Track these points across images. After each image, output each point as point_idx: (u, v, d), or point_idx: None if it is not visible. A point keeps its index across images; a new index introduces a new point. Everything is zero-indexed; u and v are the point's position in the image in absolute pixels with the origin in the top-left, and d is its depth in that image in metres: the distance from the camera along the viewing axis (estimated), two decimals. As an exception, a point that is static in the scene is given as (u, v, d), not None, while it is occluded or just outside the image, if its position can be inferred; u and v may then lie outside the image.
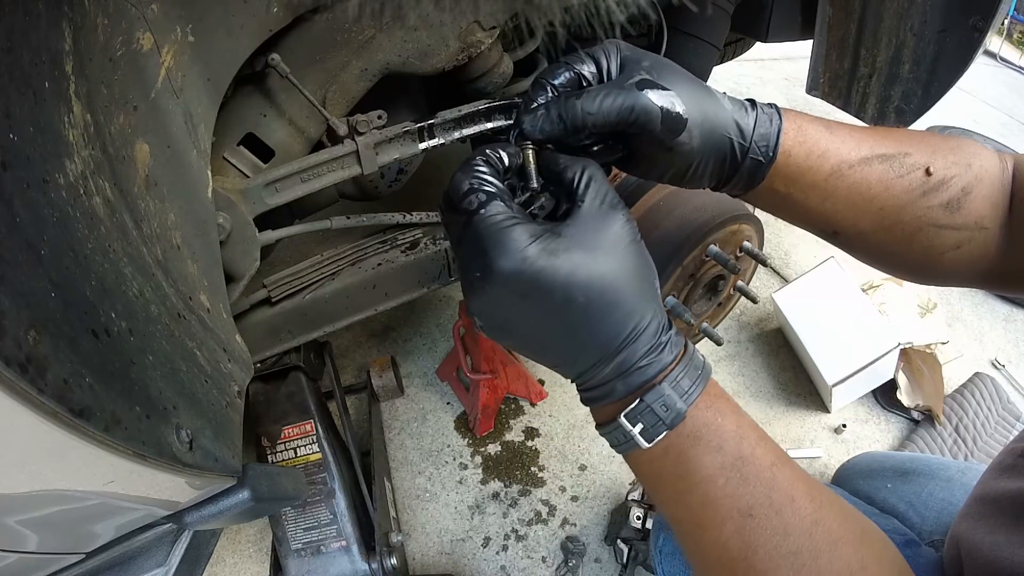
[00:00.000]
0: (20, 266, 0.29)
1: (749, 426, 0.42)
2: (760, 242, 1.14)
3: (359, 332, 1.58)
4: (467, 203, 0.40)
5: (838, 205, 0.52)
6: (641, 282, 0.41)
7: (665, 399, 0.40)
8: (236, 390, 0.54)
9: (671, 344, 0.42)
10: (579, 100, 0.43)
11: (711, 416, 0.41)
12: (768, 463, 0.41)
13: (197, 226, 0.57)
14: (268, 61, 0.66)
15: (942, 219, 0.52)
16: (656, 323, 0.42)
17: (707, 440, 0.41)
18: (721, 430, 0.41)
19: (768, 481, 0.40)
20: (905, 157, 0.52)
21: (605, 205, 0.41)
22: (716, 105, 0.48)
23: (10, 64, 0.31)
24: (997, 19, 0.91)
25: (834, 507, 0.41)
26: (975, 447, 1.39)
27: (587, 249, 0.39)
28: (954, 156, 0.52)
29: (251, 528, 1.20)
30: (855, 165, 0.51)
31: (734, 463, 0.41)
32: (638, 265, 0.41)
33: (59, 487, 0.33)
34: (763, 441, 0.42)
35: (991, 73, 4.17)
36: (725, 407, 0.42)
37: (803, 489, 0.41)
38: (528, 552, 1.20)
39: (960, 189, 0.52)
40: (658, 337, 0.41)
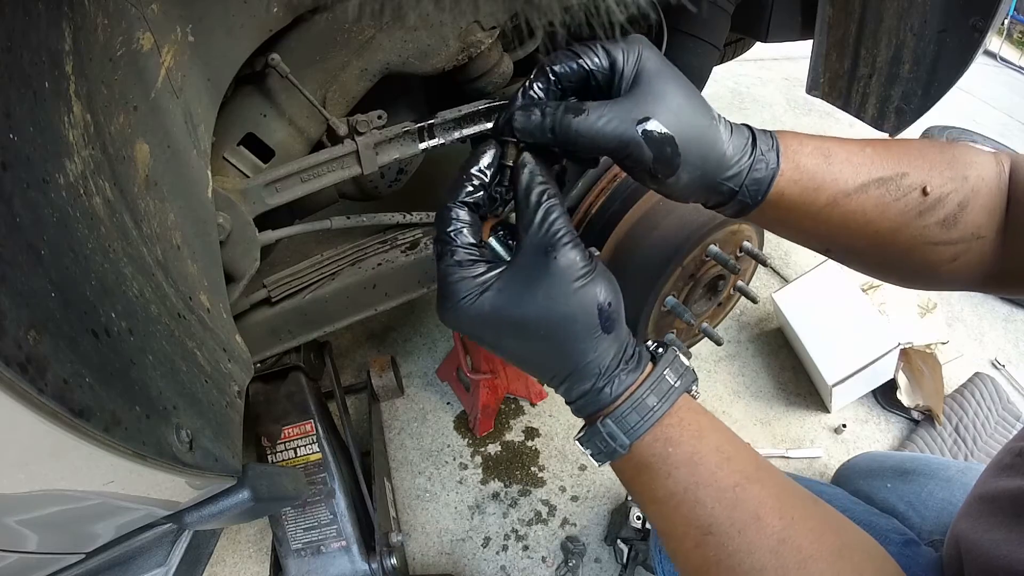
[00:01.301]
0: (20, 266, 0.29)
1: (711, 450, 0.42)
2: (760, 242, 1.14)
3: (359, 332, 1.58)
4: (435, 248, 0.44)
5: (833, 230, 0.53)
6: (577, 324, 0.41)
7: (609, 431, 0.43)
8: (236, 390, 0.54)
9: (615, 382, 0.43)
10: (576, 119, 0.42)
11: (660, 448, 0.42)
12: (731, 484, 0.41)
13: (197, 226, 0.57)
14: (268, 61, 0.66)
15: (938, 236, 0.52)
16: (599, 363, 0.42)
17: (656, 468, 0.43)
18: (671, 459, 0.42)
19: (729, 501, 0.41)
20: (902, 178, 0.51)
21: (547, 245, 0.40)
22: (716, 148, 0.46)
23: (10, 64, 0.31)
24: (997, 19, 0.91)
25: (809, 523, 0.41)
26: (975, 447, 1.39)
27: (519, 295, 0.41)
28: (951, 171, 0.52)
29: (251, 528, 1.20)
30: (851, 194, 0.51)
31: (686, 488, 0.42)
32: (576, 307, 0.41)
33: (59, 487, 0.33)
34: (728, 462, 0.42)
35: (991, 73, 4.17)
36: (683, 434, 0.43)
37: (772, 506, 0.41)
38: (528, 552, 1.20)
39: (956, 204, 0.52)
40: (595, 381, 0.43)
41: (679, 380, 0.44)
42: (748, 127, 0.50)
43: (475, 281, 0.41)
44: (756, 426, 1.47)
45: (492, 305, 0.41)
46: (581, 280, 0.40)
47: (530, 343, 0.43)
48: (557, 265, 0.40)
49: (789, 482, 0.44)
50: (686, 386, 0.45)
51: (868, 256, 0.55)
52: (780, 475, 0.45)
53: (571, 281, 0.40)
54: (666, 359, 0.45)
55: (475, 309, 0.41)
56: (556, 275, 0.40)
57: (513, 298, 0.41)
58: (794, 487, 0.44)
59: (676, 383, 0.44)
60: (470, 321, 0.42)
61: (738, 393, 1.54)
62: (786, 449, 1.41)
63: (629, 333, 0.45)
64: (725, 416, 1.49)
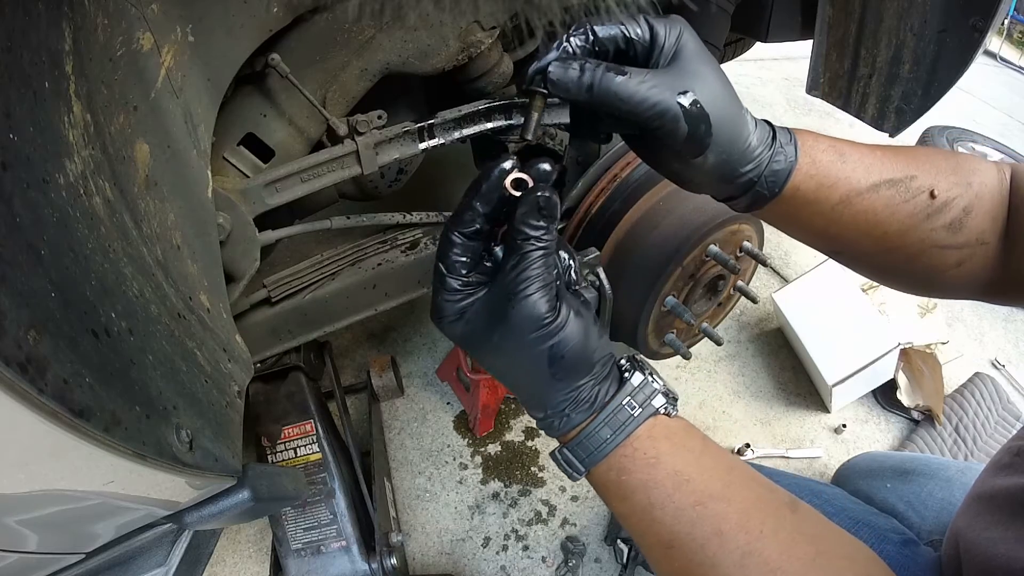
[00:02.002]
0: (20, 266, 0.29)
1: (667, 475, 0.43)
2: (760, 242, 1.14)
3: (359, 332, 1.58)
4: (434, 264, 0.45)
5: (843, 230, 0.53)
6: (525, 369, 0.43)
7: (566, 458, 0.45)
8: (236, 390, 0.54)
9: (564, 420, 0.44)
10: (617, 78, 0.41)
11: (613, 476, 0.44)
12: (689, 503, 0.42)
13: (197, 226, 0.57)
14: (268, 61, 0.66)
15: (945, 240, 0.53)
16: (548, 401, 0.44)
17: (612, 492, 0.45)
18: (624, 486, 0.44)
19: (688, 519, 0.42)
20: (911, 181, 0.52)
21: (510, 292, 0.41)
22: (743, 135, 0.47)
23: (10, 64, 0.31)
24: (997, 19, 0.91)
25: (779, 535, 0.41)
26: (975, 447, 1.39)
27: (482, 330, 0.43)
28: (955, 176, 0.53)
29: (251, 528, 1.20)
30: (863, 193, 0.52)
31: (643, 509, 0.43)
32: (526, 355, 0.42)
33: (59, 487, 0.33)
34: (686, 484, 0.43)
35: (991, 73, 4.17)
36: (635, 463, 0.43)
37: (736, 521, 0.41)
38: (528, 552, 1.20)
39: (962, 209, 0.52)
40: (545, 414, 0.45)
41: (640, 409, 0.44)
42: (768, 122, 0.51)
43: (455, 307, 0.43)
44: (756, 426, 1.47)
45: (463, 331, 0.44)
46: (535, 333, 0.41)
47: (495, 367, 0.46)
48: (515, 314, 0.41)
49: (764, 494, 0.44)
50: (648, 413, 0.44)
51: (876, 259, 0.56)
52: (753, 488, 0.44)
53: (525, 332, 0.41)
54: (629, 387, 0.45)
55: (452, 329, 0.45)
56: (512, 322, 0.41)
57: (477, 330, 0.43)
58: (768, 499, 0.44)
59: (636, 412, 0.44)
60: (450, 335, 0.46)
61: (738, 393, 1.54)
62: (786, 449, 1.41)
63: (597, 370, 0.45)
64: (725, 416, 1.49)
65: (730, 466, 0.45)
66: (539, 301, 0.40)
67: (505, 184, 0.42)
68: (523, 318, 0.41)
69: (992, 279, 0.55)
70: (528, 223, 0.40)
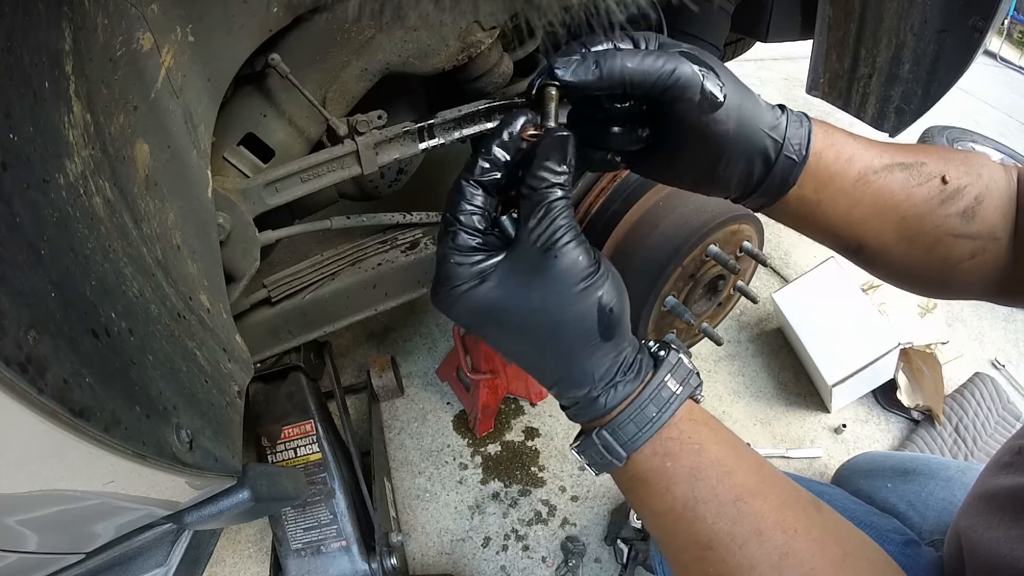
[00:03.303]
0: (20, 266, 0.29)
1: (712, 463, 0.41)
2: (760, 242, 1.14)
3: (359, 332, 1.58)
4: (441, 225, 0.41)
5: (865, 213, 0.52)
6: (572, 330, 0.39)
7: (605, 443, 0.41)
8: (236, 390, 0.54)
9: (612, 392, 0.41)
10: (620, 54, 0.41)
11: (658, 462, 0.41)
12: (732, 498, 0.40)
13: (197, 226, 0.57)
14: (268, 61, 0.66)
15: (959, 228, 0.52)
16: (594, 370, 0.40)
17: (654, 483, 0.41)
18: (670, 474, 0.41)
19: (731, 517, 0.39)
20: (922, 166, 0.52)
21: (547, 242, 0.38)
22: (752, 99, 0.47)
23: (10, 64, 0.31)
24: (997, 19, 0.91)
25: (811, 534, 0.40)
26: (975, 447, 1.39)
27: (514, 291, 0.38)
28: (965, 166, 0.53)
29: (251, 528, 1.20)
30: (879, 171, 0.51)
31: (685, 504, 0.40)
32: (573, 312, 0.39)
33: (59, 487, 0.33)
34: (728, 476, 0.41)
35: (991, 73, 4.17)
36: (682, 448, 0.41)
37: (774, 520, 0.40)
38: (528, 552, 1.20)
39: (974, 198, 0.52)
40: (589, 390, 0.41)
41: (681, 387, 0.42)
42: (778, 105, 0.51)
43: (472, 269, 0.39)
44: (756, 426, 1.47)
45: (486, 297, 0.39)
46: (582, 284, 0.38)
47: (522, 342, 0.41)
48: (557, 265, 0.38)
49: (792, 491, 0.43)
50: (688, 393, 0.42)
51: (895, 251, 0.55)
52: (783, 484, 0.43)
53: (571, 285, 0.38)
54: (667, 364, 0.42)
55: (468, 299, 0.39)
56: (554, 276, 0.38)
57: (507, 293, 0.39)
58: (796, 496, 0.43)
59: (678, 391, 0.42)
60: (462, 310, 0.40)
61: (738, 393, 1.54)
62: (786, 449, 1.41)
63: (633, 338, 0.43)
64: (725, 416, 1.49)
65: (760, 461, 0.44)
66: (580, 249, 0.38)
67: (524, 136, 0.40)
68: (566, 269, 0.38)
69: (1003, 277, 0.55)
70: (549, 168, 0.38)
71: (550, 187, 0.38)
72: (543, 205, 0.38)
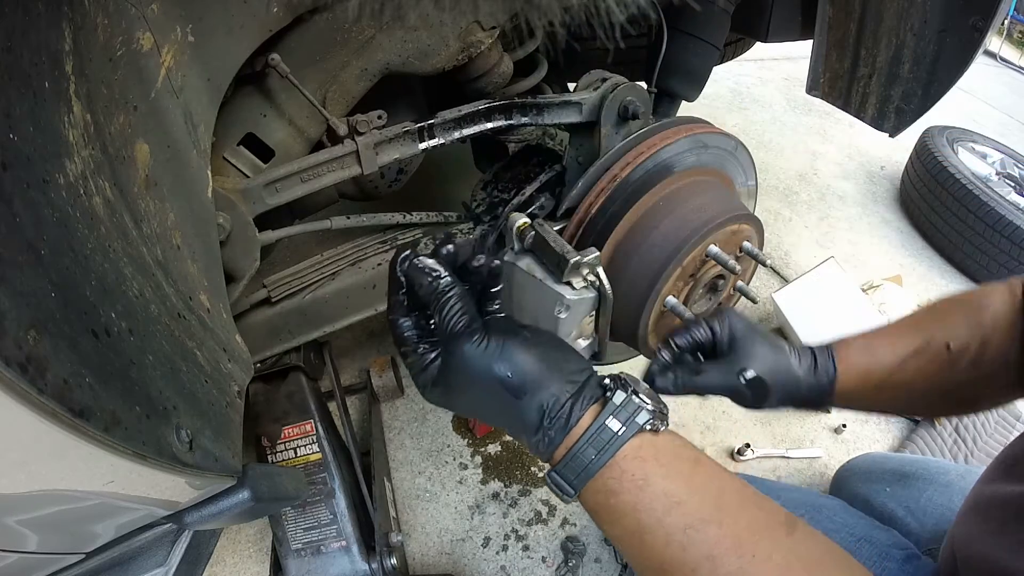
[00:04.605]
0: (20, 266, 0.29)
1: (656, 496, 0.43)
2: (760, 242, 1.14)
3: (359, 332, 1.58)
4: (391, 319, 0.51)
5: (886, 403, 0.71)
6: (489, 401, 0.47)
7: (555, 481, 0.47)
8: (236, 390, 0.54)
9: (546, 440, 0.46)
10: (697, 377, 0.61)
11: (602, 499, 0.45)
12: (681, 527, 0.42)
13: (197, 226, 0.57)
14: (268, 61, 0.66)
15: (969, 375, 0.64)
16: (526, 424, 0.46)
17: (602, 516, 0.46)
18: (614, 509, 0.44)
19: (680, 544, 0.42)
20: (929, 344, 0.65)
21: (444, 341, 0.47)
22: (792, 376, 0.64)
23: (10, 64, 0.31)
24: (997, 19, 0.91)
25: (773, 558, 0.41)
26: (975, 447, 1.39)
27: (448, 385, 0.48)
28: (967, 318, 0.65)
29: (251, 528, 1.20)
30: (894, 372, 0.66)
31: (633, 533, 0.44)
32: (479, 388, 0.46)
33: (59, 487, 0.33)
34: (677, 507, 0.42)
35: (991, 73, 4.18)
36: (623, 485, 0.44)
37: (729, 546, 0.41)
38: (528, 552, 1.20)
39: (979, 346, 0.63)
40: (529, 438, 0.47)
41: (624, 427, 0.44)
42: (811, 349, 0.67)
43: (425, 375, 0.49)
44: (756, 426, 1.47)
45: (439, 394, 0.49)
46: (478, 363, 0.45)
47: (474, 411, 0.52)
48: (454, 354, 0.46)
49: (760, 515, 0.44)
50: (633, 431, 0.44)
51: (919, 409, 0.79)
52: (750, 512, 0.44)
53: (468, 367, 0.46)
54: (611, 405, 0.45)
55: (433, 396, 0.50)
56: (457, 364, 0.46)
57: (444, 385, 0.48)
58: (764, 521, 0.43)
59: (620, 431, 0.44)
60: (437, 404, 0.51)
61: (738, 393, 1.54)
62: (786, 449, 1.41)
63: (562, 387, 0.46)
64: (725, 416, 1.48)
65: (722, 487, 0.45)
66: (463, 334, 0.46)
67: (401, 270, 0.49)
68: (460, 352, 0.46)
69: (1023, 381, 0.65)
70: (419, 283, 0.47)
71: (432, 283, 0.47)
72: (433, 299, 0.47)
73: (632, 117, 0.93)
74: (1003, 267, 1.88)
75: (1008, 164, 2.26)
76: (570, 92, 0.94)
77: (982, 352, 0.62)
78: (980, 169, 2.15)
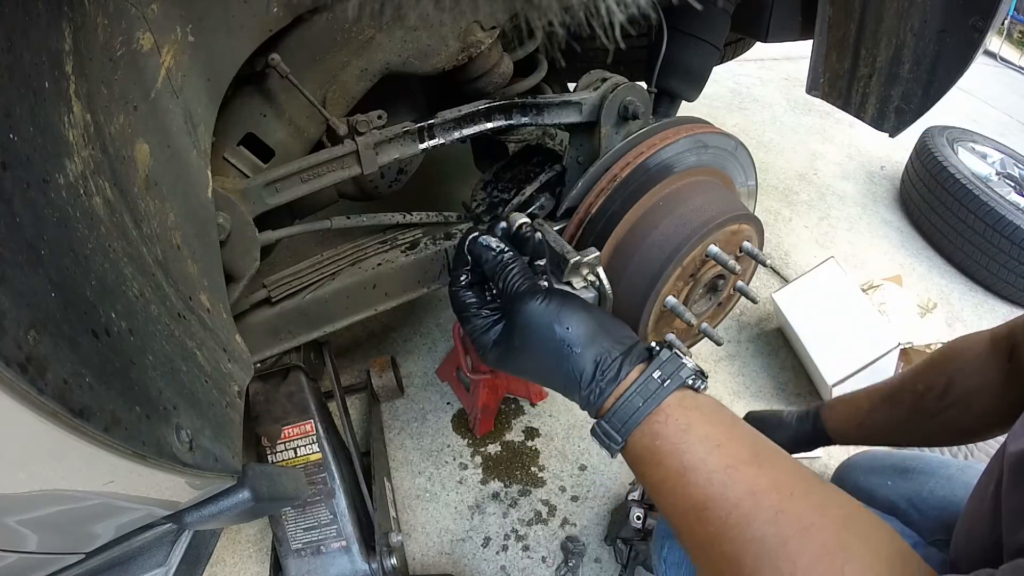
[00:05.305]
0: (20, 266, 0.29)
1: (698, 439, 0.46)
2: (760, 242, 1.14)
3: (359, 332, 1.58)
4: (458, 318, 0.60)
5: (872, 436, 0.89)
6: (548, 354, 0.52)
7: (604, 431, 0.51)
8: (236, 390, 0.54)
9: (597, 391, 0.50)
10: None
11: (648, 441, 0.48)
12: (722, 466, 0.45)
13: (197, 226, 0.57)
14: (268, 61, 0.66)
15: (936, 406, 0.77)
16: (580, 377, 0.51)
17: (647, 459, 0.49)
18: (659, 450, 0.48)
19: (721, 481, 0.44)
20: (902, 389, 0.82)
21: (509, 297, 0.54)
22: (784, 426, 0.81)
23: (10, 64, 0.31)
24: (997, 19, 0.91)
25: (811, 497, 0.43)
26: (975, 447, 1.39)
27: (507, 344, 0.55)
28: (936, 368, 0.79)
29: (251, 528, 1.20)
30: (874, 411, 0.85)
31: (677, 473, 0.46)
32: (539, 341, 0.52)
33: (59, 487, 0.33)
34: (717, 448, 0.46)
35: (991, 73, 4.18)
36: (668, 429, 0.47)
37: (768, 483, 0.43)
38: (528, 552, 1.20)
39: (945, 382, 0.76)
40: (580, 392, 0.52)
41: (668, 380, 0.49)
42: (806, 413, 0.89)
43: (486, 338, 0.56)
44: (756, 426, 1.47)
45: (499, 354, 0.56)
46: (541, 320, 0.51)
47: (529, 372, 0.55)
48: (518, 314, 0.52)
49: (795, 466, 0.46)
50: (676, 384, 0.48)
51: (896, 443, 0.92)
52: (783, 459, 0.47)
53: (532, 324, 0.51)
54: (657, 360, 0.50)
55: (493, 357, 0.56)
56: (520, 322, 0.52)
57: (505, 345, 0.55)
58: (800, 470, 0.46)
59: (665, 383, 0.48)
60: (498, 367, 0.57)
61: (738, 393, 1.54)
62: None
63: (613, 344, 0.51)
64: (725, 416, 1.48)
65: (760, 439, 0.48)
66: (527, 295, 0.52)
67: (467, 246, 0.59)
68: (525, 310, 0.51)
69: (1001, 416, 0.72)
70: (485, 257, 0.56)
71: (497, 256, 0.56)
72: (498, 269, 0.55)
73: (632, 117, 0.93)
74: (1003, 267, 1.88)
75: (1008, 164, 2.26)
76: (570, 92, 0.94)
77: (947, 386, 0.75)
78: (980, 169, 2.15)
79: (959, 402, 0.75)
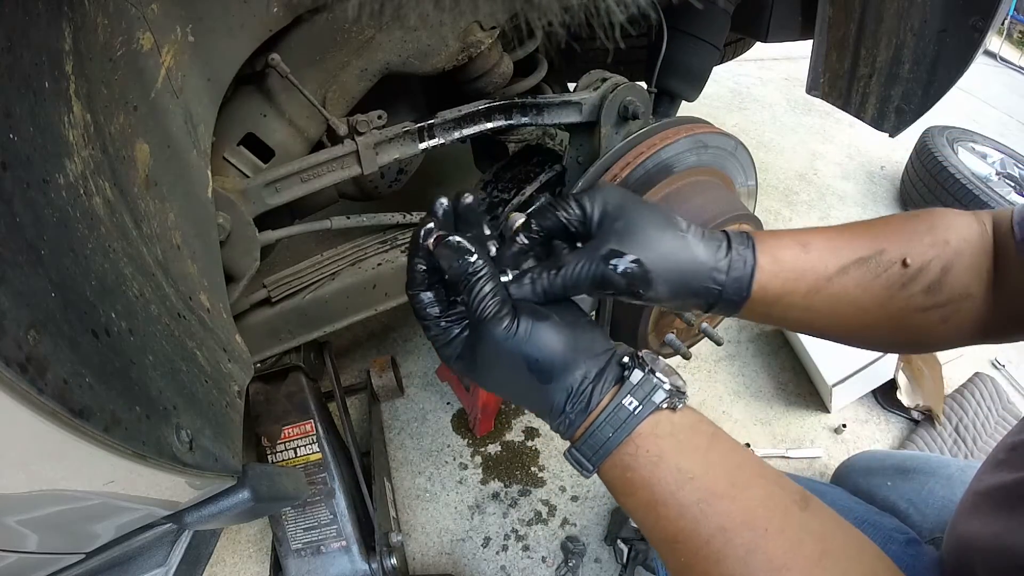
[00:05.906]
0: (20, 266, 0.29)
1: (670, 471, 0.44)
2: (760, 242, 1.14)
3: (359, 332, 1.58)
4: None
5: (819, 316, 0.55)
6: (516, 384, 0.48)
7: (575, 458, 0.48)
8: (236, 390, 0.54)
9: (567, 421, 0.47)
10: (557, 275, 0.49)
11: (618, 473, 0.46)
12: (694, 500, 0.43)
13: (197, 226, 0.57)
14: (268, 61, 0.66)
15: (924, 302, 0.54)
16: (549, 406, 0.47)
17: (619, 489, 0.47)
18: (629, 482, 0.46)
19: (692, 516, 0.43)
20: (881, 255, 0.53)
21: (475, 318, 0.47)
22: (688, 258, 0.50)
23: (10, 64, 0.31)
24: (997, 19, 0.91)
25: (786, 533, 0.41)
26: (975, 447, 1.39)
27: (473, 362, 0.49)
28: (931, 236, 0.54)
29: (251, 528, 1.20)
30: (832, 277, 0.53)
31: (647, 505, 0.45)
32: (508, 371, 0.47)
33: (59, 487, 0.33)
34: (690, 482, 0.43)
35: (991, 73, 4.18)
36: (638, 461, 0.45)
37: (741, 520, 0.42)
38: (528, 552, 1.20)
39: (940, 270, 0.53)
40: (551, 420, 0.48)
41: (640, 406, 0.45)
42: (724, 232, 0.53)
43: (448, 348, 0.50)
44: (756, 426, 1.47)
45: (462, 365, 0.50)
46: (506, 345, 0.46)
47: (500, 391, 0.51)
48: (483, 334, 0.46)
49: (775, 494, 0.44)
50: (649, 410, 0.45)
51: (861, 334, 0.58)
52: (764, 488, 0.44)
53: (498, 349, 0.46)
54: (627, 387, 0.46)
55: (457, 367, 0.51)
56: (485, 343, 0.46)
57: (469, 360, 0.49)
58: (777, 496, 0.44)
59: (636, 410, 0.45)
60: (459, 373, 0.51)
61: (738, 393, 1.54)
62: (786, 449, 1.41)
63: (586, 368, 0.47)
64: (725, 416, 1.48)
65: (738, 463, 0.45)
66: (494, 320, 0.46)
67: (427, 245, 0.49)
68: (490, 336, 0.46)
69: (981, 326, 0.56)
70: (450, 263, 0.47)
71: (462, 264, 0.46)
72: (464, 278, 0.46)
73: (632, 117, 0.93)
74: (1003, 267, 1.88)
75: (1008, 164, 2.26)
76: (570, 92, 0.94)
77: (942, 279, 0.53)
78: (980, 169, 2.15)
79: (952, 306, 0.54)
